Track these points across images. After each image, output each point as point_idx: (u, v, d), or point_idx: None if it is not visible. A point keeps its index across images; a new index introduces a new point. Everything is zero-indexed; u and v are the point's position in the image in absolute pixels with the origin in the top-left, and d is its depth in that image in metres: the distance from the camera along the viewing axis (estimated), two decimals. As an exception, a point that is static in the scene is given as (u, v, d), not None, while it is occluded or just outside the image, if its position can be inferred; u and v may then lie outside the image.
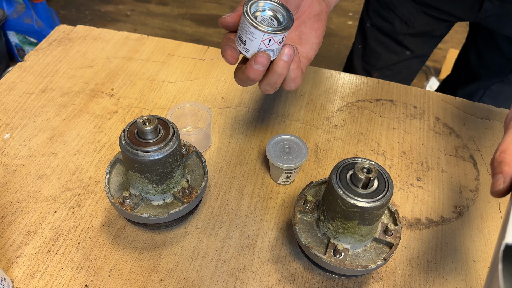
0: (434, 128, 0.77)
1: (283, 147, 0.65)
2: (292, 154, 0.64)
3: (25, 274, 0.54)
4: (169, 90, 0.81)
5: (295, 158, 0.63)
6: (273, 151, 0.64)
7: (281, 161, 0.63)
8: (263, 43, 0.45)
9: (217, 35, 2.38)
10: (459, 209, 0.65)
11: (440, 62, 2.24)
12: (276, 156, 0.63)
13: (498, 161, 0.38)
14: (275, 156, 0.63)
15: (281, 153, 0.64)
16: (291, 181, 0.67)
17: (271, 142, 0.65)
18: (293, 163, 0.63)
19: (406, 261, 0.59)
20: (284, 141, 0.66)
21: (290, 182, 0.67)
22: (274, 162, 0.63)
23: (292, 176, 0.65)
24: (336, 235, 0.52)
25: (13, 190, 0.63)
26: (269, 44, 0.45)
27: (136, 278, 0.55)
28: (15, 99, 0.77)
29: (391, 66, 1.02)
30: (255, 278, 0.56)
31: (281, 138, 0.66)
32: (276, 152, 0.64)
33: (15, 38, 1.90)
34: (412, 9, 0.90)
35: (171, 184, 0.55)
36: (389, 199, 0.48)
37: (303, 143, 0.65)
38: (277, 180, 0.66)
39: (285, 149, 0.65)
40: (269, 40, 0.44)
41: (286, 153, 0.64)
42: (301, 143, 0.65)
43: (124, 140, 0.51)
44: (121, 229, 0.60)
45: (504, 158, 0.38)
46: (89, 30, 0.93)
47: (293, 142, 0.66)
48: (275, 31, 0.44)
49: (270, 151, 0.64)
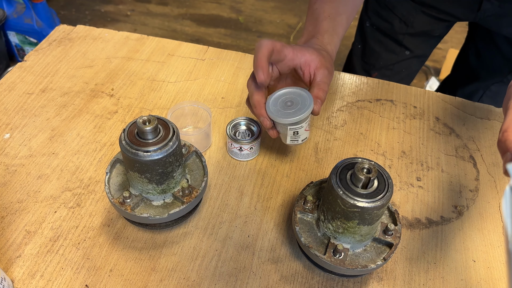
0: (434, 128, 0.77)
1: (285, 101, 0.58)
2: (295, 106, 0.56)
3: (25, 274, 0.54)
4: (169, 90, 0.81)
5: (299, 110, 0.56)
6: (273, 107, 0.58)
7: (282, 116, 0.56)
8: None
9: (217, 35, 2.39)
10: (459, 209, 0.65)
11: (440, 62, 2.24)
12: (277, 112, 0.57)
13: (502, 141, 0.39)
14: (275, 112, 0.57)
15: (282, 108, 0.57)
16: (302, 140, 0.60)
17: (271, 98, 0.59)
18: (296, 115, 0.55)
19: (406, 261, 0.59)
20: (286, 94, 0.59)
21: (301, 142, 0.60)
22: (274, 117, 0.57)
23: (300, 132, 0.58)
24: (336, 235, 0.52)
25: (13, 190, 0.63)
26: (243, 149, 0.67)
27: (136, 278, 0.55)
28: (15, 99, 0.77)
29: (391, 66, 1.02)
30: (255, 278, 0.56)
31: (282, 92, 0.59)
32: (276, 108, 0.57)
33: (15, 38, 1.90)
34: (411, 9, 0.90)
35: (171, 184, 0.55)
36: (389, 199, 0.48)
37: (307, 93, 0.58)
38: (286, 141, 0.60)
39: (287, 103, 0.58)
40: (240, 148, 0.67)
41: (288, 107, 0.57)
42: (305, 94, 0.58)
43: (124, 140, 0.51)
44: (121, 229, 0.60)
45: (507, 136, 0.39)
46: (89, 30, 0.93)
47: (295, 94, 0.58)
48: (245, 142, 0.66)
49: (269, 107, 0.57)
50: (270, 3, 2.63)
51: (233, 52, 0.89)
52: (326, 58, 0.60)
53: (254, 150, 0.69)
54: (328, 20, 0.65)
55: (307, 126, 0.58)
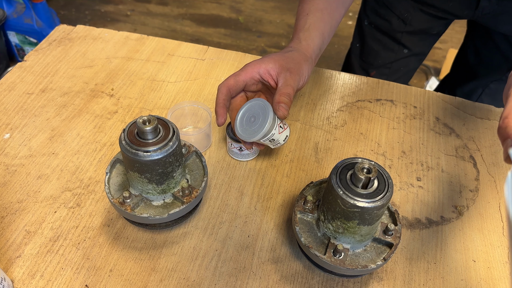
0: (434, 128, 0.77)
1: (249, 118, 0.60)
2: (257, 121, 0.58)
3: (25, 274, 0.54)
4: (169, 90, 0.81)
5: (261, 124, 0.57)
6: (241, 128, 0.60)
7: (250, 134, 0.58)
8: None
9: (217, 35, 2.39)
10: (459, 209, 0.65)
11: (440, 62, 2.24)
12: (244, 132, 0.59)
13: (503, 128, 0.40)
14: (244, 132, 0.59)
15: (248, 126, 0.59)
16: (284, 140, 0.61)
17: (237, 120, 0.60)
18: (260, 130, 0.57)
19: (406, 261, 0.59)
20: (248, 111, 0.60)
21: (284, 142, 0.62)
22: (245, 138, 0.58)
23: (275, 137, 0.59)
24: (336, 235, 0.52)
25: (13, 190, 0.63)
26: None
27: (136, 278, 0.55)
28: (15, 99, 0.77)
29: (389, 64, 1.02)
30: (255, 278, 0.56)
31: (245, 110, 0.61)
32: (243, 127, 0.59)
33: (15, 38, 1.90)
34: (409, 7, 0.90)
35: (171, 184, 0.55)
36: (389, 199, 0.48)
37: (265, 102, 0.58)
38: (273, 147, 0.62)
39: (250, 119, 0.59)
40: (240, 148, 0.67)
41: (252, 123, 0.59)
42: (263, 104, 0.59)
43: (124, 140, 0.51)
44: (121, 229, 0.60)
45: (508, 123, 0.39)
46: (89, 30, 0.93)
47: (256, 107, 0.59)
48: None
49: (238, 130, 0.60)
50: (270, 3, 2.63)
51: (233, 52, 0.89)
52: (289, 59, 0.61)
53: (254, 150, 0.69)
54: (306, 18, 0.66)
55: (279, 129, 0.59)
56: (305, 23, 0.66)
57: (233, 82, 0.61)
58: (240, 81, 0.61)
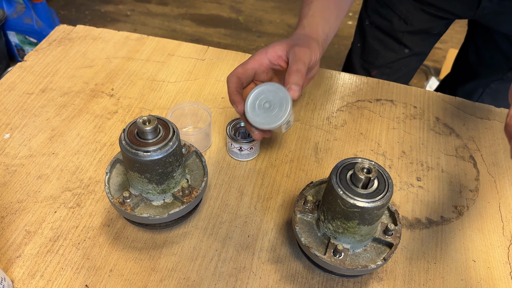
0: (434, 128, 0.77)
1: (261, 104, 0.57)
2: (274, 106, 0.56)
3: (25, 274, 0.54)
4: (169, 90, 0.81)
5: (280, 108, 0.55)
6: (256, 117, 0.57)
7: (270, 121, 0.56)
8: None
9: (217, 35, 2.39)
10: (459, 209, 0.65)
11: (440, 62, 2.24)
12: (262, 119, 0.56)
13: (510, 125, 0.40)
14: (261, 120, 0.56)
15: (263, 113, 0.56)
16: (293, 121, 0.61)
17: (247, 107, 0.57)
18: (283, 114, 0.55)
19: (406, 261, 0.59)
20: (259, 96, 0.57)
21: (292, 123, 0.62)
22: (264, 126, 0.56)
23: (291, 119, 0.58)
24: (336, 235, 0.52)
25: (13, 190, 0.63)
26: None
27: (136, 278, 0.55)
28: (15, 99, 0.77)
29: (390, 64, 1.02)
30: (255, 278, 0.56)
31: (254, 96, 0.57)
32: (259, 115, 0.56)
33: (15, 38, 1.90)
34: (410, 7, 0.90)
35: (171, 184, 0.55)
36: (389, 199, 0.48)
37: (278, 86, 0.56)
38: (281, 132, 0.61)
39: (265, 105, 0.57)
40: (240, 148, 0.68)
41: (268, 109, 0.56)
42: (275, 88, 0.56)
43: (124, 140, 0.51)
44: (121, 229, 0.60)
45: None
46: (89, 30, 0.93)
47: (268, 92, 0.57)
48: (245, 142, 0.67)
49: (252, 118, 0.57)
50: (270, 3, 2.63)
51: (233, 52, 0.89)
52: (297, 39, 0.60)
53: (254, 150, 0.69)
54: (310, 5, 0.66)
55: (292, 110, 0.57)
56: (309, 10, 0.65)
57: (241, 70, 0.59)
58: (249, 69, 0.59)
